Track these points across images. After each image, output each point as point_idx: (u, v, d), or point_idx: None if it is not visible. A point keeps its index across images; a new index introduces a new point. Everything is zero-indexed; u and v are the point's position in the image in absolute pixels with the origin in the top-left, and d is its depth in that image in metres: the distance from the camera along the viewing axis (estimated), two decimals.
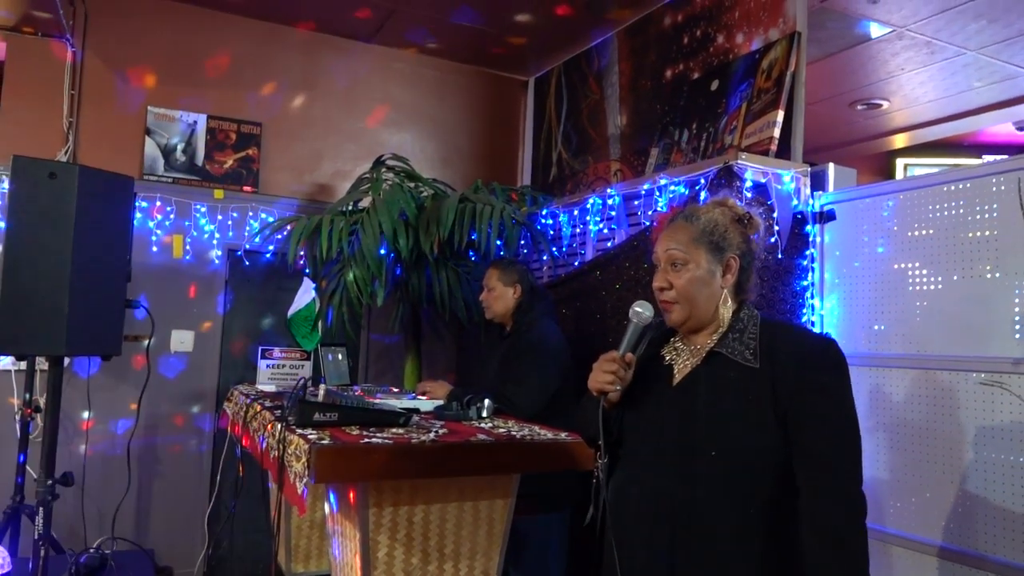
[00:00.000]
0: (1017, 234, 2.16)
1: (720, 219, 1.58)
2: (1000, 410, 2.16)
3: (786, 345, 1.47)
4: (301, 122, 4.37)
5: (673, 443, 1.50)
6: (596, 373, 1.56)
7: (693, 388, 1.52)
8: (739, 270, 1.56)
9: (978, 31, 4.02)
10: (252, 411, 2.68)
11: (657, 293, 1.59)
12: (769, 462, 1.42)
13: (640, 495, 1.53)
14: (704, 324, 1.56)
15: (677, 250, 1.56)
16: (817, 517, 1.38)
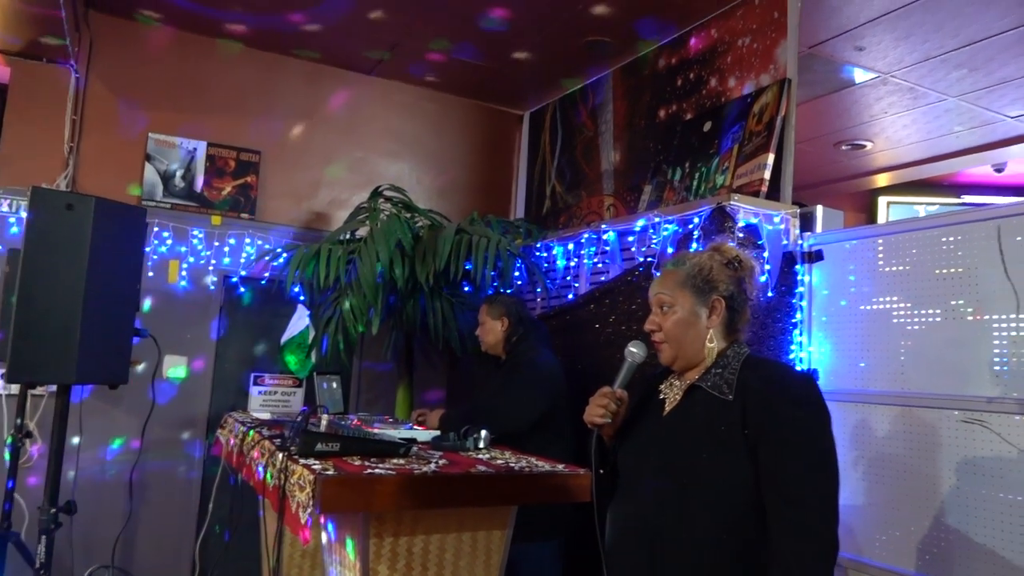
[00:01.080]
0: (996, 278, 2.25)
1: (707, 263, 1.66)
2: (979, 446, 2.24)
3: (760, 379, 1.53)
4: (300, 151, 4.44)
5: (653, 472, 1.57)
6: (590, 407, 1.64)
7: (675, 420, 1.60)
8: (728, 310, 1.63)
9: (959, 79, 4.18)
10: (250, 439, 2.70)
11: (649, 335, 1.67)
12: (740, 492, 1.46)
13: (625, 521, 1.61)
14: (694, 362, 1.63)
15: (664, 294, 1.65)
16: (782, 554, 1.40)
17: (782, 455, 1.44)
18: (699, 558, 1.47)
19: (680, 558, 1.48)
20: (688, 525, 1.48)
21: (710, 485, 1.48)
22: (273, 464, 2.23)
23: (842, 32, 3.70)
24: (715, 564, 1.46)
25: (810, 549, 1.38)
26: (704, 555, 1.47)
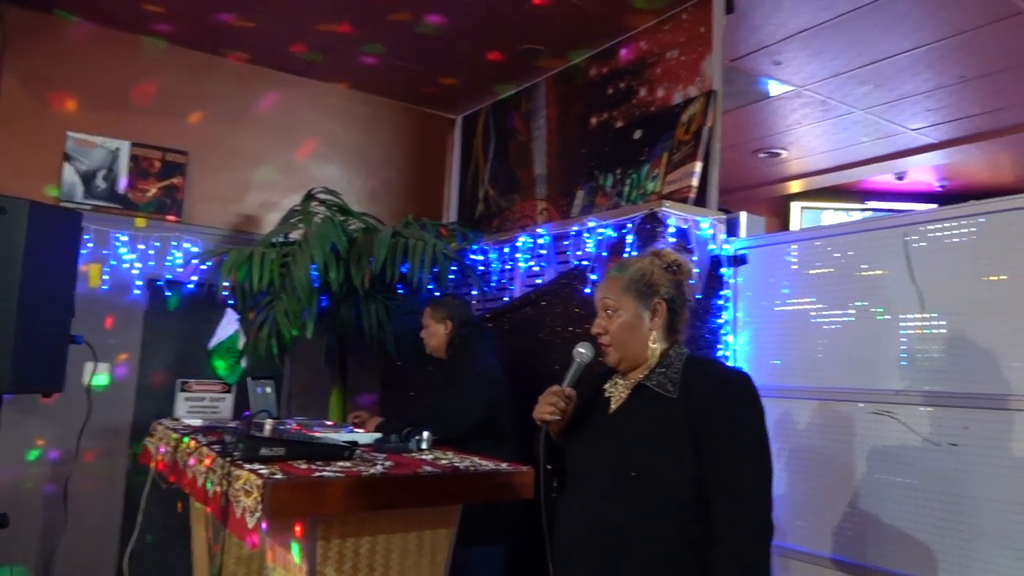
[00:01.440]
0: (903, 281, 2.44)
1: (648, 268, 1.75)
2: (888, 436, 2.42)
3: (702, 378, 1.64)
4: (229, 152, 4.35)
5: (602, 467, 1.65)
6: (540, 405, 1.72)
7: (623, 417, 1.69)
8: (668, 312, 1.73)
9: (866, 94, 4.47)
10: (185, 446, 2.65)
11: (596, 338, 1.75)
12: (685, 485, 1.55)
13: (575, 515, 1.68)
14: (638, 362, 1.73)
15: (609, 298, 1.74)
16: (724, 541, 1.51)
17: (724, 450, 1.55)
18: (649, 547, 1.55)
19: (631, 548, 1.57)
20: (638, 516, 1.57)
21: (658, 478, 1.57)
22: (214, 471, 2.21)
23: (761, 47, 3.91)
24: (664, 552, 1.55)
25: (750, 537, 1.50)
26: (653, 543, 1.55)
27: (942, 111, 4.74)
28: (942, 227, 2.37)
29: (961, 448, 2.23)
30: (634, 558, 1.57)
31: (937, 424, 2.30)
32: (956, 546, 2.22)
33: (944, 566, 2.24)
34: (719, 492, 1.54)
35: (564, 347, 3.13)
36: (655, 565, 1.56)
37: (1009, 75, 4.17)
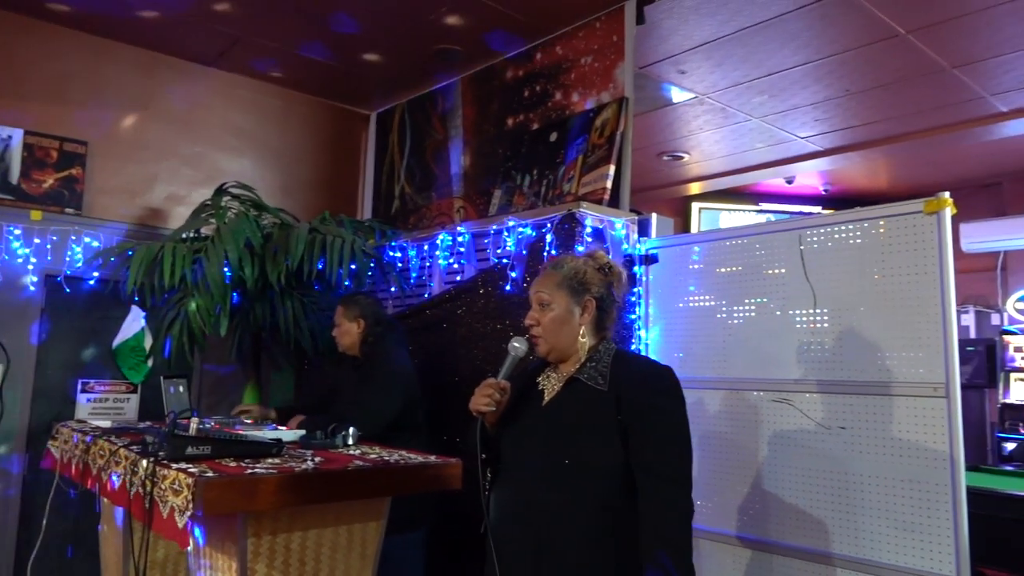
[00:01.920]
0: (798, 279, 2.66)
1: (582, 267, 1.86)
2: (786, 422, 2.64)
3: (629, 371, 1.77)
4: (133, 143, 4.18)
5: (535, 456, 1.75)
6: (476, 397, 1.78)
7: (555, 408, 1.79)
8: (598, 310, 1.84)
9: (761, 103, 4.78)
10: (98, 448, 2.57)
11: (528, 329, 1.84)
12: (615, 471, 1.67)
13: (510, 503, 1.77)
14: (567, 355, 1.84)
15: (544, 293, 1.84)
16: (652, 521, 1.64)
17: (649, 438, 1.67)
18: (580, 530, 1.66)
19: (562, 531, 1.67)
20: (569, 501, 1.67)
21: (588, 465, 1.68)
22: (134, 471, 2.17)
23: (668, 57, 4.11)
24: (593, 532, 1.66)
25: (674, 517, 1.63)
26: (583, 528, 1.66)
27: (828, 121, 5.12)
28: (832, 231, 2.60)
29: (849, 431, 2.47)
30: (565, 540, 1.67)
31: (828, 409, 2.53)
32: (846, 519, 2.45)
33: (836, 538, 2.47)
34: (645, 477, 1.66)
35: (485, 342, 3.23)
36: (585, 546, 1.67)
37: (886, 91, 4.56)
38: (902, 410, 2.36)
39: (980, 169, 6.74)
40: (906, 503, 2.32)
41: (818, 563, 2.50)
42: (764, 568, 2.64)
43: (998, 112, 4.83)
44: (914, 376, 2.34)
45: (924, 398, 2.31)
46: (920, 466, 2.30)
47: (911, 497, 2.31)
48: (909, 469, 2.33)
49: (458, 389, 3.32)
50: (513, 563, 1.73)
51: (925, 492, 2.29)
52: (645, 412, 1.68)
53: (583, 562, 1.67)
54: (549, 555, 1.68)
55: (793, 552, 2.57)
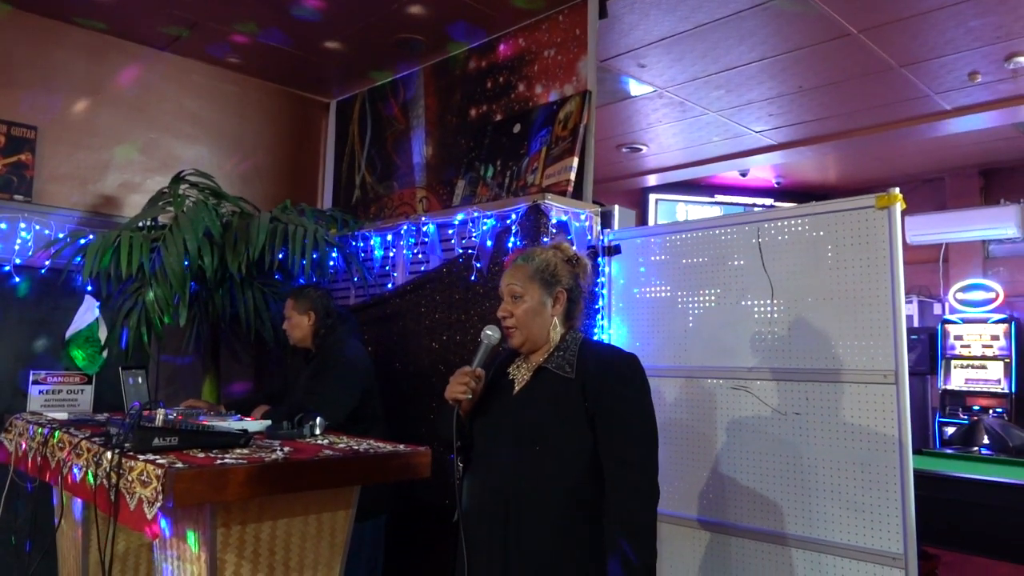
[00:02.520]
0: (756, 270, 2.75)
1: (552, 260, 1.91)
2: (744, 408, 2.73)
3: (595, 360, 1.82)
4: (84, 129, 4.07)
5: (507, 444, 1.79)
6: (452, 385, 1.81)
7: (525, 397, 1.83)
8: (567, 301, 1.89)
9: (718, 98, 4.88)
10: (57, 440, 2.52)
11: (501, 320, 1.88)
12: (583, 456, 1.74)
13: (482, 490, 1.82)
14: (539, 345, 1.88)
15: (516, 285, 1.87)
16: (615, 506, 1.70)
17: (615, 425, 1.74)
18: (549, 514, 1.72)
19: (532, 515, 1.72)
20: (539, 486, 1.73)
21: (558, 450, 1.74)
22: (97, 463, 2.14)
23: (629, 51, 4.17)
24: (562, 518, 1.72)
25: (639, 501, 1.70)
26: (553, 511, 1.72)
27: (782, 116, 5.26)
28: (788, 224, 2.69)
29: (804, 416, 2.57)
30: (536, 524, 1.72)
31: (784, 396, 2.63)
32: (800, 501, 2.56)
33: (790, 519, 2.57)
34: (611, 462, 1.72)
35: (450, 332, 3.26)
36: (555, 530, 1.72)
37: (837, 88, 4.71)
38: (854, 396, 2.46)
39: (924, 164, 7.00)
40: (856, 485, 2.43)
41: (773, 543, 2.60)
42: (722, 549, 2.74)
43: (942, 110, 5.02)
44: (865, 364, 2.45)
45: (875, 384, 2.42)
46: (870, 450, 2.41)
47: (861, 479, 2.42)
48: (860, 453, 2.43)
49: (423, 379, 3.34)
50: (485, 549, 1.78)
51: (874, 474, 2.40)
52: (610, 399, 1.74)
53: (555, 547, 1.72)
54: (521, 541, 1.73)
55: (750, 534, 2.67)
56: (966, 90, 4.68)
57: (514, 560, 1.74)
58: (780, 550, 2.58)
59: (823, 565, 2.48)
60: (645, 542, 1.67)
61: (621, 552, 1.65)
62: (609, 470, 1.72)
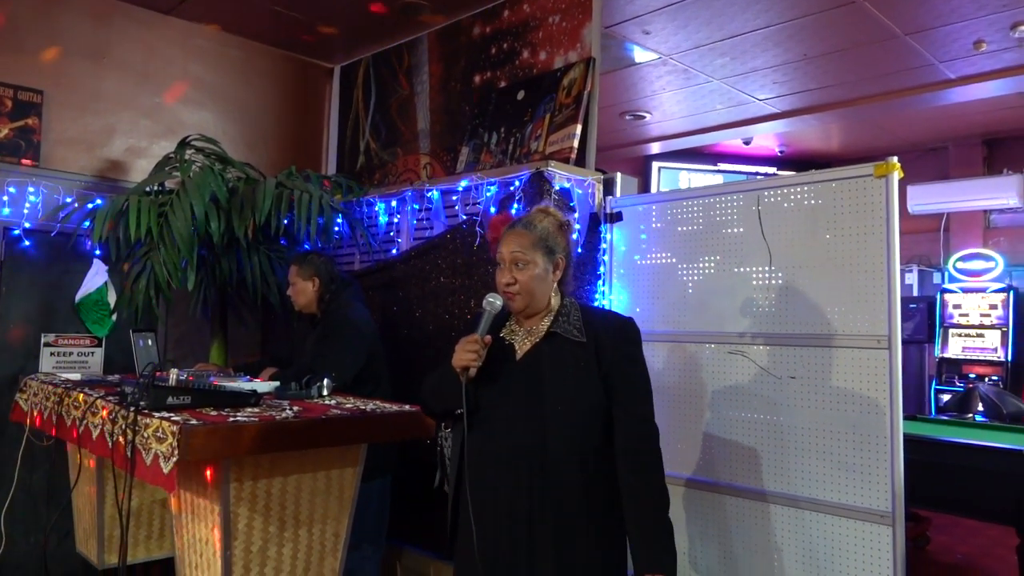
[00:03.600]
0: (755, 238, 2.79)
1: (551, 227, 1.98)
2: (739, 372, 2.80)
3: (603, 325, 1.94)
4: (90, 94, 4.09)
5: (522, 405, 1.87)
6: (459, 353, 1.87)
7: (537, 361, 1.91)
8: (565, 268, 1.97)
9: (723, 65, 4.87)
10: (72, 399, 2.60)
11: (502, 287, 1.93)
12: (598, 412, 1.86)
13: (498, 451, 1.88)
14: (538, 310, 1.96)
15: (520, 252, 1.92)
16: (628, 449, 1.85)
17: (625, 382, 1.88)
18: (574, 468, 1.83)
19: (559, 471, 1.82)
20: (565, 444, 1.83)
21: (580, 410, 1.85)
22: (114, 421, 2.21)
23: (633, 17, 4.16)
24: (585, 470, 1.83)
25: (653, 448, 1.88)
26: (578, 465, 1.83)
27: (786, 84, 5.25)
28: (788, 192, 2.73)
29: (799, 380, 2.63)
30: (560, 479, 1.83)
31: (780, 361, 2.69)
32: (795, 462, 2.63)
33: (784, 479, 2.66)
34: (626, 415, 1.87)
35: (454, 297, 3.32)
36: (578, 483, 1.83)
37: (841, 56, 4.70)
38: (848, 361, 2.52)
39: (927, 134, 6.99)
40: (848, 446, 2.51)
41: (766, 502, 2.69)
42: (718, 508, 2.83)
43: (946, 79, 5.01)
44: (860, 329, 2.50)
45: (868, 350, 2.47)
46: (862, 412, 2.48)
47: (853, 441, 2.50)
48: (852, 415, 2.50)
49: (428, 342, 3.41)
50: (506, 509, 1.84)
51: (866, 436, 2.47)
52: (622, 359, 1.89)
53: (580, 500, 1.83)
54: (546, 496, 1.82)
55: (744, 493, 2.75)
56: (971, 59, 4.66)
57: (539, 515, 1.82)
58: (773, 508, 2.67)
59: (815, 522, 2.57)
60: (662, 482, 1.85)
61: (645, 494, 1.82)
62: (624, 422, 1.86)
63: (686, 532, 2.92)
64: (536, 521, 1.82)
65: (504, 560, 1.84)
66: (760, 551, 2.71)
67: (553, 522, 1.81)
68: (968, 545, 4.99)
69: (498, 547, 1.84)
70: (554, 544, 1.81)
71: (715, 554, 2.83)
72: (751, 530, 2.73)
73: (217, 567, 2.08)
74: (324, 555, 2.28)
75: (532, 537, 1.82)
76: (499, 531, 1.85)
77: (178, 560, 2.29)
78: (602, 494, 1.85)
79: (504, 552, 1.84)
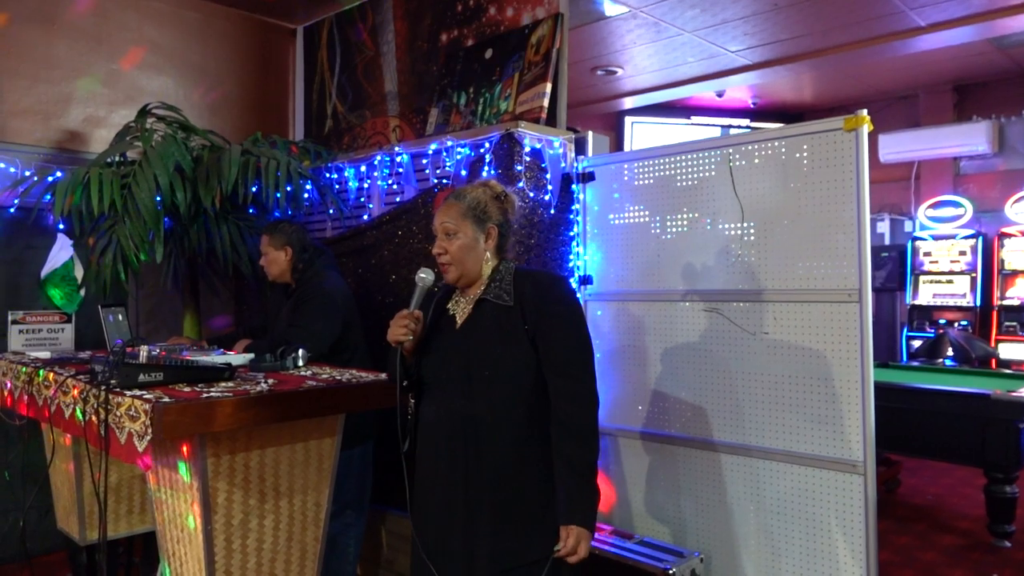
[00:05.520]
0: (726, 196, 2.79)
1: (482, 197, 1.99)
2: (714, 329, 2.82)
3: (530, 286, 1.94)
4: (42, 62, 3.94)
5: (458, 373, 1.91)
6: (392, 328, 1.93)
7: (469, 328, 1.94)
8: (498, 236, 1.97)
9: (693, 17, 4.81)
10: (42, 379, 2.56)
11: (436, 258, 1.96)
12: (528, 375, 1.87)
13: (437, 418, 1.94)
14: (474, 279, 1.98)
15: (449, 223, 1.95)
16: (559, 414, 1.86)
17: (555, 341, 1.87)
18: (505, 431, 1.86)
19: (490, 435, 1.86)
20: (494, 408, 1.86)
21: (507, 373, 1.87)
22: (86, 400, 2.18)
23: None
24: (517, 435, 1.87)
25: (581, 406, 1.86)
26: (509, 428, 1.86)
27: (757, 35, 5.20)
28: (759, 147, 2.72)
29: (772, 335, 2.66)
30: (494, 443, 1.86)
31: (753, 316, 2.71)
32: (769, 415, 2.68)
33: (758, 432, 2.70)
34: (553, 375, 1.87)
35: (427, 262, 3.28)
36: (512, 446, 1.86)
37: (811, 5, 4.65)
38: (819, 315, 2.55)
39: (898, 82, 6.99)
40: (820, 399, 2.55)
41: (740, 455, 2.74)
42: (696, 462, 2.88)
43: (916, 26, 4.99)
44: (831, 284, 2.53)
45: (839, 303, 2.50)
46: (833, 364, 2.52)
47: (824, 393, 2.54)
48: (823, 368, 2.54)
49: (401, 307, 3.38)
50: (445, 473, 1.91)
51: (837, 388, 2.51)
52: (547, 319, 1.88)
53: (514, 462, 1.86)
54: (481, 459, 1.87)
55: (720, 447, 2.80)
56: (941, 5, 4.64)
57: (475, 479, 1.87)
58: (747, 461, 2.72)
59: (788, 474, 2.62)
60: (587, 442, 1.85)
61: (566, 453, 1.83)
62: (552, 382, 1.87)
63: (663, 487, 2.97)
64: (472, 487, 1.86)
65: (440, 523, 1.90)
66: (735, 503, 2.77)
67: (487, 487, 1.85)
68: (937, 486, 5.14)
69: (436, 513, 1.91)
70: (489, 508, 1.85)
71: (691, 507, 2.89)
72: (726, 483, 2.79)
73: (199, 541, 2.08)
74: (306, 525, 2.29)
75: (468, 502, 1.86)
76: (436, 497, 1.91)
77: (159, 535, 2.29)
78: (539, 457, 1.87)
79: (441, 516, 1.90)
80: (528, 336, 1.86)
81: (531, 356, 1.86)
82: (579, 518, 1.81)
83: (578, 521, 1.80)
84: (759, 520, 2.71)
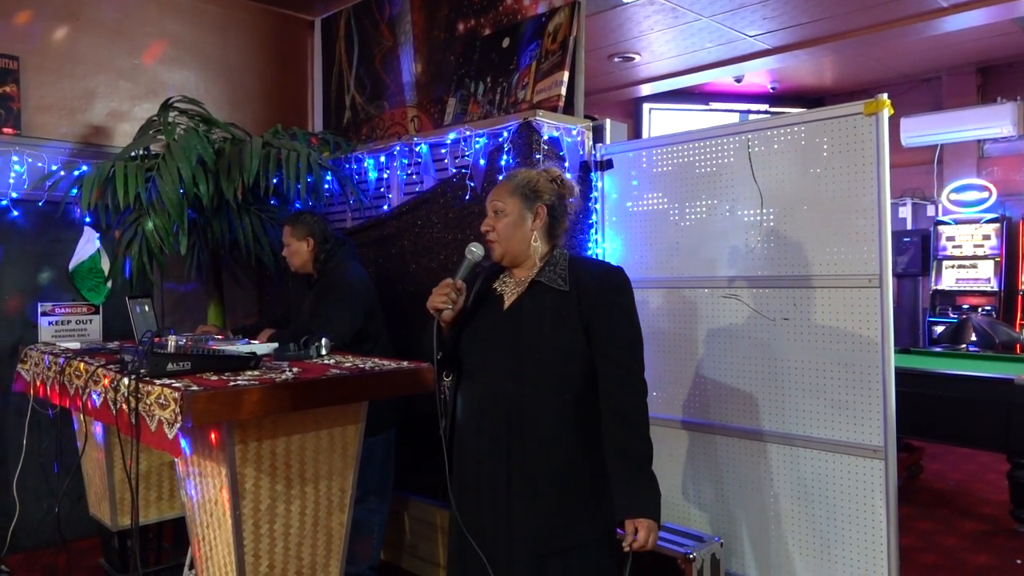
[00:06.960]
0: (746, 181, 2.79)
1: (535, 177, 1.98)
2: (732, 315, 2.82)
3: (587, 273, 1.93)
4: (67, 57, 4.00)
5: (505, 354, 1.90)
6: (433, 296, 1.90)
7: (519, 310, 1.93)
8: (549, 217, 1.96)
9: (711, 2, 4.77)
10: (73, 368, 2.62)
11: (484, 235, 1.96)
12: (578, 360, 1.86)
13: (481, 397, 1.93)
14: (520, 260, 1.97)
15: (498, 201, 1.96)
16: (611, 400, 1.85)
17: (608, 330, 1.86)
18: (552, 415, 1.85)
19: (535, 418, 1.85)
20: (541, 391, 1.85)
21: (557, 358, 1.86)
22: (116, 389, 2.24)
23: None
24: (561, 418, 1.85)
25: (631, 395, 1.85)
26: (556, 413, 1.85)
27: (776, 19, 5.15)
28: (778, 133, 2.71)
29: (792, 321, 2.66)
30: (539, 427, 1.85)
31: (773, 302, 2.71)
32: (789, 401, 2.68)
33: (777, 418, 2.71)
34: (605, 363, 1.86)
35: (447, 251, 3.32)
36: (557, 431, 1.85)
37: None
38: (840, 300, 2.55)
39: (920, 64, 6.89)
40: (840, 384, 2.55)
41: (759, 441, 2.75)
42: (715, 448, 2.89)
43: (939, 7, 4.92)
44: (851, 268, 2.52)
45: (859, 288, 2.50)
46: (854, 350, 2.52)
47: (845, 379, 2.54)
48: (844, 353, 2.54)
49: (423, 296, 3.40)
50: (488, 454, 1.89)
51: (858, 374, 2.51)
52: (603, 307, 1.87)
53: (559, 447, 1.85)
54: (525, 443, 1.86)
55: (738, 433, 2.81)
56: None
57: (518, 462, 1.86)
58: (768, 447, 2.73)
59: (809, 459, 2.63)
60: (643, 433, 1.84)
61: (623, 443, 1.81)
62: (604, 369, 1.86)
63: (682, 473, 2.99)
64: (514, 470, 1.85)
65: (482, 508, 1.90)
66: (755, 489, 2.78)
67: (529, 470, 1.84)
68: (960, 472, 5.11)
69: (479, 496, 1.90)
70: (529, 493, 1.84)
71: (710, 493, 2.90)
72: (746, 469, 2.80)
73: (228, 526, 2.14)
74: (331, 510, 2.34)
75: (510, 486, 1.86)
76: (480, 480, 1.90)
77: (189, 520, 2.35)
78: (583, 442, 1.86)
79: (483, 500, 1.89)
80: (582, 323, 1.85)
81: (582, 343, 1.85)
82: (647, 510, 1.78)
83: (647, 513, 1.78)
84: (779, 505, 2.72)
